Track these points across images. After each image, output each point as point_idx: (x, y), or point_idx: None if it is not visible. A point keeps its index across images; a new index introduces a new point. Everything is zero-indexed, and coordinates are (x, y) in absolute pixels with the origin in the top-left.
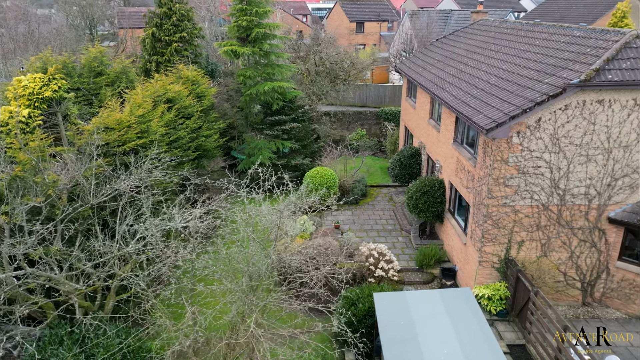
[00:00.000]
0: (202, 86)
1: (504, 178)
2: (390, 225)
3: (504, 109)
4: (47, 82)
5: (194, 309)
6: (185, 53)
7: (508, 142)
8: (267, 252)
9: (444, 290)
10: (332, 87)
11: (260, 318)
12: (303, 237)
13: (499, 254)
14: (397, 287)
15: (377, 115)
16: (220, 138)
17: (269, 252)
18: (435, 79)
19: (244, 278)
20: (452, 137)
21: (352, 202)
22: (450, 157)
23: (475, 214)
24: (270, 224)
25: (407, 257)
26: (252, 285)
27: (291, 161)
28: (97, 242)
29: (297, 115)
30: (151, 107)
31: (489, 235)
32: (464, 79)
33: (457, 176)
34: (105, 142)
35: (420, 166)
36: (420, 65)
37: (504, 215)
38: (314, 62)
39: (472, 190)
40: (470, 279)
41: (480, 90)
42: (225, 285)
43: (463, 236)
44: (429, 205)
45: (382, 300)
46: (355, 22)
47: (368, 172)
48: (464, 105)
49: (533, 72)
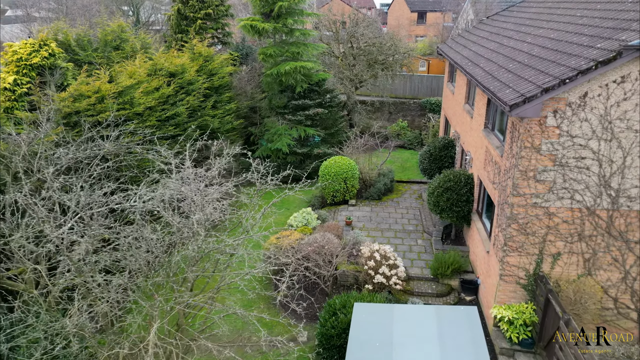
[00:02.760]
0: (213, 62)
1: (534, 170)
2: (411, 226)
3: (539, 80)
4: (38, 48)
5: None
6: (210, 31)
7: (541, 123)
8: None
9: (441, 307)
10: (370, 73)
11: (188, 325)
12: (304, 232)
13: (527, 267)
14: (401, 298)
15: (421, 106)
16: (235, 121)
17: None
18: (473, 56)
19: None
20: (483, 122)
21: (373, 197)
22: (480, 146)
23: (499, 215)
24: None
25: (423, 263)
26: (159, 280)
27: (314, 150)
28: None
29: (324, 100)
30: (145, 79)
31: (514, 243)
32: (503, 52)
33: (485, 169)
34: (73, 110)
35: (453, 159)
36: (461, 43)
37: (534, 219)
38: (349, 44)
39: (498, 186)
40: (491, 295)
41: (518, 64)
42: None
43: (487, 242)
44: (452, 203)
45: (362, 313)
46: (416, 13)
47: (402, 167)
48: (493, 80)
49: (585, 37)
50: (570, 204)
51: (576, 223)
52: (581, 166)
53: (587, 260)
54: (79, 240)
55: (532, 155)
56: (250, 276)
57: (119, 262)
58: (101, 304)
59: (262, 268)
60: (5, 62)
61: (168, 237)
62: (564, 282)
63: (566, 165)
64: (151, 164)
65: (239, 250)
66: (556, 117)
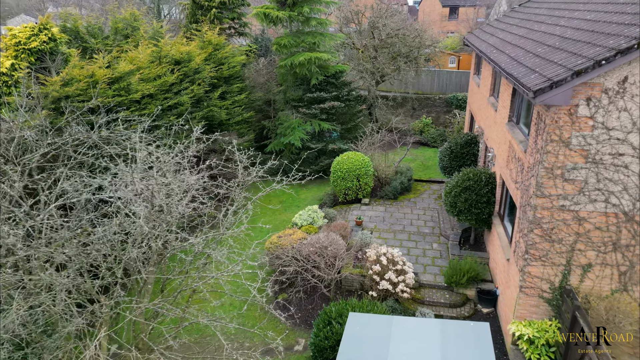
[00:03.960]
0: (222, 51)
1: (562, 168)
2: (427, 228)
3: (569, 63)
4: (37, 32)
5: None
6: (226, 21)
7: (571, 113)
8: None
9: (448, 322)
10: (393, 66)
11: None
12: (308, 231)
13: (552, 279)
14: (409, 308)
15: (447, 102)
16: (246, 113)
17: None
18: (499, 43)
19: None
20: (508, 115)
21: (389, 196)
22: (504, 142)
23: (521, 219)
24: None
25: (437, 269)
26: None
27: (329, 145)
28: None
29: (342, 94)
30: (146, 65)
31: (537, 250)
32: (533, 37)
33: (508, 167)
34: (62, 95)
35: (476, 157)
36: (489, 32)
37: (561, 224)
38: (371, 35)
39: (520, 186)
40: (510, 309)
41: (547, 47)
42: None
43: (507, 249)
44: (471, 204)
45: (356, 325)
46: (448, 7)
47: (424, 165)
48: (518, 66)
49: (627, 16)
50: (604, 208)
51: (611, 230)
52: (619, 164)
53: (623, 274)
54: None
55: (560, 150)
56: (232, 277)
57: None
58: (44, 305)
59: (255, 268)
60: (5, 46)
61: (120, 234)
62: (595, 298)
63: (600, 162)
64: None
65: (214, 249)
66: (589, 105)
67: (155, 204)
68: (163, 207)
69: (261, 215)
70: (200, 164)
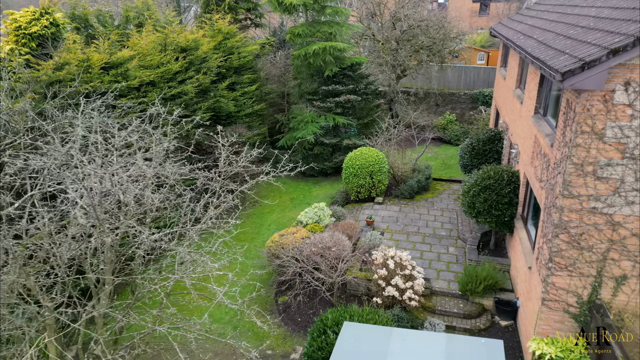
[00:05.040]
0: (232, 40)
1: (594, 164)
2: (444, 231)
3: (605, 42)
4: (38, 17)
5: None
6: (241, 11)
7: (605, 100)
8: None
9: (455, 337)
10: (415, 59)
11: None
12: (313, 230)
13: (579, 292)
14: (418, 317)
15: (473, 98)
16: (256, 105)
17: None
18: (527, 29)
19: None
20: (534, 107)
21: (404, 195)
22: (529, 137)
23: (545, 222)
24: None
25: (452, 276)
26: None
27: (344, 141)
28: None
29: (358, 87)
30: (148, 51)
31: (563, 259)
32: (565, 21)
33: (532, 164)
34: (54, 79)
35: (499, 155)
36: (517, 20)
37: (592, 229)
38: (393, 27)
39: (545, 185)
40: (530, 324)
41: (581, 29)
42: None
43: (530, 256)
44: (490, 205)
45: (350, 337)
46: (478, 3)
47: (445, 164)
48: (546, 49)
49: None
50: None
51: None
52: None
53: None
54: None
55: (592, 144)
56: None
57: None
58: None
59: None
60: (6, 31)
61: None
62: (630, 316)
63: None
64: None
65: (182, 246)
66: (628, 91)
67: (101, 190)
68: (120, 197)
69: (269, 212)
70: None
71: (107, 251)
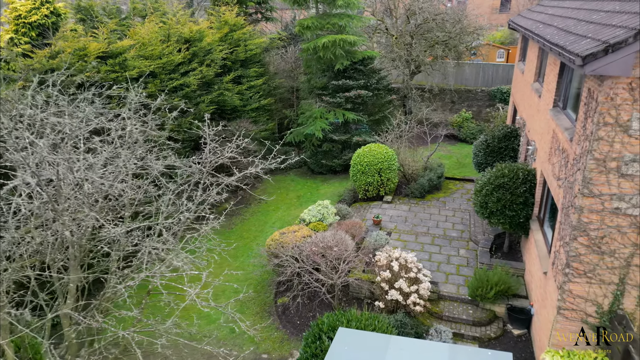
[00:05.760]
0: (239, 32)
1: (617, 159)
2: (455, 232)
3: (633, 23)
4: (39, 5)
5: None
6: (250, 4)
7: (632, 87)
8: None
9: (458, 348)
10: (430, 54)
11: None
12: (316, 229)
13: (599, 301)
14: (424, 323)
15: (490, 95)
16: (263, 99)
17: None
18: (547, 18)
19: None
20: (552, 100)
21: (415, 194)
22: (547, 132)
23: (563, 224)
24: None
25: (461, 280)
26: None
27: (353, 138)
28: None
29: (370, 82)
30: (150, 42)
31: (581, 264)
32: (588, 7)
33: (550, 161)
34: (48, 68)
35: (515, 152)
36: (537, 10)
37: (614, 232)
38: (407, 21)
39: (564, 183)
40: (545, 334)
41: (605, 13)
42: None
43: (545, 260)
44: (504, 205)
45: (344, 344)
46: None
47: (459, 163)
48: (567, 35)
49: None
50: None
51: None
52: None
53: None
54: None
55: (616, 137)
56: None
57: None
58: None
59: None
60: (6, 20)
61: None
62: None
63: None
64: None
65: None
66: None
67: (58, 177)
68: (81, 184)
69: (274, 210)
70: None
71: (71, 246)
